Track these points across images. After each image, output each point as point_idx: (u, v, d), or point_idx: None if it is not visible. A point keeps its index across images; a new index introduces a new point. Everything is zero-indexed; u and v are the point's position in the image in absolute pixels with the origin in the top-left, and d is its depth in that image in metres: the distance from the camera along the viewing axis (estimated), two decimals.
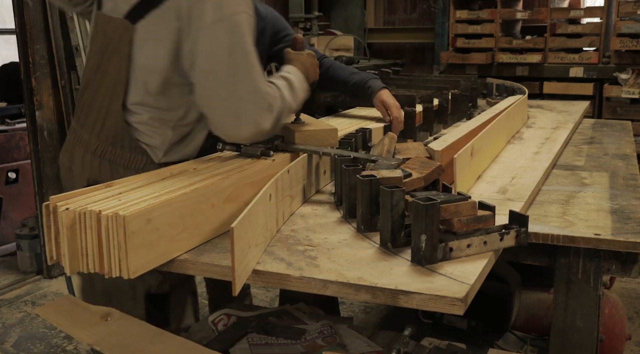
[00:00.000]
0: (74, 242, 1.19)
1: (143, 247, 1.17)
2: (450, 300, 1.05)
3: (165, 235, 1.22)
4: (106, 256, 1.16)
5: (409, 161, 1.55)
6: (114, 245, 1.15)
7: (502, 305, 2.49)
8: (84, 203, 1.21)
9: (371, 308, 3.46)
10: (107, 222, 1.14)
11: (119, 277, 1.17)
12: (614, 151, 2.37)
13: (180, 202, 1.26)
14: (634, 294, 3.57)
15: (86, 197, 1.25)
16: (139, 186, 1.34)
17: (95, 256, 1.18)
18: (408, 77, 3.12)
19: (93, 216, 1.16)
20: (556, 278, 1.51)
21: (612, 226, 1.48)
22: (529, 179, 1.78)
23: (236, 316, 1.88)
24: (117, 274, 1.17)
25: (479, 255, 1.22)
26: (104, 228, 1.15)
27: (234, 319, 1.86)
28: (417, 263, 1.18)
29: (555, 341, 1.54)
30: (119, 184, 1.36)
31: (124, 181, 1.38)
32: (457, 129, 1.97)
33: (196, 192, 1.30)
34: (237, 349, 1.68)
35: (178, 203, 1.25)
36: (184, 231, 1.27)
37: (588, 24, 5.33)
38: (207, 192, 1.33)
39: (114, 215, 1.14)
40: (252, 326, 1.79)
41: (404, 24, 6.84)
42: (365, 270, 1.17)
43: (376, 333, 1.80)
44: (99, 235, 1.16)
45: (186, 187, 1.31)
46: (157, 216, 1.20)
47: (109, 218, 1.14)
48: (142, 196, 1.26)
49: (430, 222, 1.15)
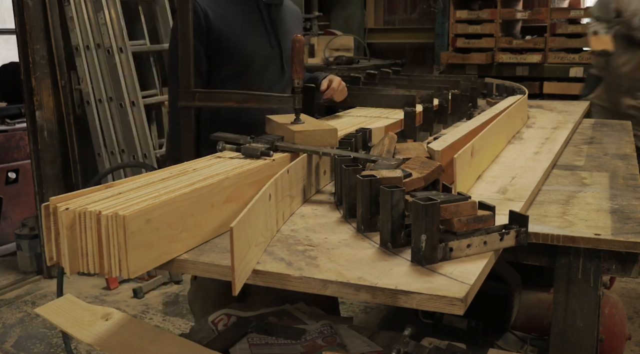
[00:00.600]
0: (74, 243, 1.19)
1: (143, 247, 1.17)
2: (450, 300, 1.05)
3: (165, 235, 1.22)
4: (106, 256, 1.16)
5: (409, 161, 1.55)
6: (113, 245, 1.15)
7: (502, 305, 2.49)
8: (83, 203, 1.21)
9: (371, 308, 3.46)
10: (107, 222, 1.14)
11: None
12: (614, 151, 2.37)
13: (180, 202, 1.25)
14: (634, 294, 3.57)
15: (86, 198, 1.25)
16: (138, 186, 1.34)
17: (95, 256, 1.17)
18: (408, 77, 3.12)
19: (93, 217, 1.16)
20: (556, 278, 1.51)
21: (612, 226, 1.48)
22: (529, 179, 1.78)
23: (236, 316, 1.88)
24: (117, 274, 1.17)
25: (479, 255, 1.22)
26: (103, 228, 1.15)
27: (234, 319, 1.86)
28: (417, 263, 1.18)
29: (555, 341, 1.54)
30: (119, 184, 1.36)
31: (124, 181, 1.39)
32: (457, 129, 1.97)
33: (196, 192, 1.30)
34: (237, 349, 1.68)
35: (178, 203, 1.25)
36: (184, 231, 1.27)
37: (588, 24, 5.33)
38: (207, 192, 1.33)
39: (113, 215, 1.14)
40: (252, 326, 1.79)
41: (404, 24, 6.84)
42: (365, 270, 1.17)
43: (376, 333, 1.80)
44: (99, 235, 1.16)
45: (186, 187, 1.31)
46: (157, 216, 1.19)
47: (108, 218, 1.14)
48: (141, 195, 1.26)
49: (430, 222, 1.15)
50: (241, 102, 1.93)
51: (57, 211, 1.19)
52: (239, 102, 1.93)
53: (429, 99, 2.39)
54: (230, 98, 1.95)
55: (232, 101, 1.93)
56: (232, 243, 1.08)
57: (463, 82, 2.79)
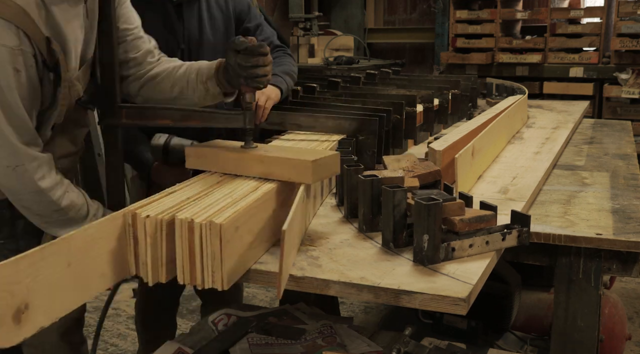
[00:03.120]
0: (155, 252, 1.12)
1: (233, 256, 1.11)
2: (453, 300, 1.05)
3: (246, 243, 1.17)
4: (198, 265, 1.09)
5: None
6: (206, 254, 1.08)
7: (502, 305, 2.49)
8: (160, 210, 1.13)
9: (371, 308, 3.45)
10: (201, 231, 1.08)
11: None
12: (614, 151, 2.37)
13: (256, 208, 1.19)
14: (634, 294, 3.57)
15: (158, 204, 1.18)
16: (198, 192, 1.26)
17: (186, 265, 1.10)
18: (408, 77, 3.12)
19: (184, 225, 1.09)
20: (557, 277, 1.51)
21: (613, 226, 1.48)
22: (530, 179, 1.78)
23: (236, 316, 1.87)
24: (210, 285, 1.10)
25: (481, 255, 1.22)
26: (197, 237, 1.08)
27: (234, 319, 1.86)
28: (420, 263, 1.18)
29: (556, 340, 1.54)
30: (180, 190, 1.27)
31: (180, 187, 1.29)
32: (458, 129, 1.97)
33: (265, 197, 1.24)
34: (237, 349, 1.68)
35: (254, 209, 1.19)
36: (256, 239, 1.21)
37: (588, 24, 5.33)
38: (271, 196, 1.26)
39: (208, 223, 1.07)
40: (252, 326, 1.78)
41: (404, 24, 6.84)
42: (368, 270, 1.17)
43: (376, 333, 1.80)
44: (191, 244, 1.09)
45: (252, 192, 1.24)
46: (242, 224, 1.14)
47: (202, 226, 1.07)
48: (212, 203, 1.18)
49: (432, 222, 1.15)
50: (179, 121, 1.57)
51: (137, 218, 1.11)
52: (176, 120, 1.57)
53: (430, 99, 2.39)
54: (165, 115, 1.58)
55: (167, 118, 1.57)
56: (283, 247, 1.04)
57: (463, 82, 2.79)
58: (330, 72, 4.17)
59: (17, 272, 0.93)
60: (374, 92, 2.47)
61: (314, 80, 2.61)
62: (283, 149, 1.49)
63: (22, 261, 0.94)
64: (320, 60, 5.71)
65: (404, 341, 1.66)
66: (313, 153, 1.37)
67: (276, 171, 1.32)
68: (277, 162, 1.32)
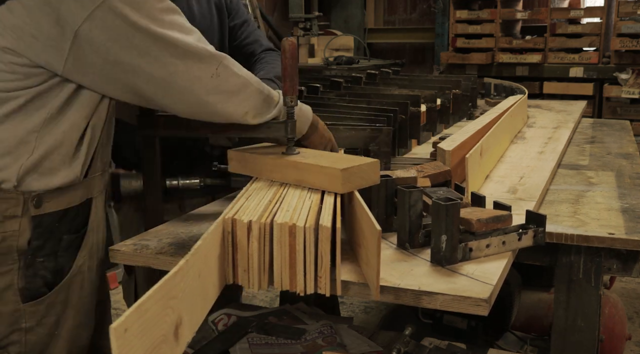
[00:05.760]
0: (260, 257, 1.09)
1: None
2: (474, 301, 1.04)
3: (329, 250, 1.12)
4: (299, 271, 1.07)
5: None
6: (310, 260, 1.05)
7: (502, 305, 2.49)
8: (256, 215, 1.10)
9: (371, 308, 3.45)
10: (304, 235, 1.05)
11: None
12: (616, 150, 2.37)
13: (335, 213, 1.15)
14: (634, 294, 3.57)
15: (247, 209, 1.13)
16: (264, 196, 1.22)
17: (285, 271, 1.07)
18: (409, 77, 3.12)
19: (284, 229, 1.06)
20: (557, 277, 1.51)
21: (624, 225, 1.47)
22: (537, 179, 1.78)
23: (236, 316, 1.87)
24: (312, 291, 1.07)
25: (498, 255, 1.21)
26: (298, 241, 1.05)
27: (234, 319, 1.86)
28: (437, 264, 1.17)
29: (556, 340, 1.54)
30: (245, 193, 1.24)
31: (246, 191, 1.26)
32: (464, 129, 1.96)
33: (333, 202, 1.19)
34: (237, 349, 1.68)
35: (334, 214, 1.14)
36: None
37: (588, 24, 5.34)
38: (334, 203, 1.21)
39: (310, 227, 1.04)
40: (252, 326, 1.78)
41: (404, 24, 6.84)
42: (386, 271, 1.15)
43: (376, 333, 1.80)
44: (292, 248, 1.06)
45: (315, 193, 1.21)
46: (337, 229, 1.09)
47: (306, 230, 1.04)
48: (291, 205, 1.15)
49: (450, 222, 1.14)
50: (219, 131, 1.48)
51: (237, 223, 1.08)
52: (215, 130, 1.48)
53: (433, 99, 2.39)
54: (205, 125, 1.46)
55: (207, 128, 1.48)
56: (379, 246, 1.01)
57: (463, 82, 2.79)
58: (331, 72, 4.16)
59: (174, 286, 0.88)
60: (376, 92, 2.47)
61: (316, 80, 2.60)
62: (321, 155, 1.40)
63: (177, 274, 0.90)
64: (320, 60, 5.71)
65: (404, 341, 1.65)
66: (349, 160, 1.30)
67: (309, 178, 1.27)
68: (310, 169, 1.27)
